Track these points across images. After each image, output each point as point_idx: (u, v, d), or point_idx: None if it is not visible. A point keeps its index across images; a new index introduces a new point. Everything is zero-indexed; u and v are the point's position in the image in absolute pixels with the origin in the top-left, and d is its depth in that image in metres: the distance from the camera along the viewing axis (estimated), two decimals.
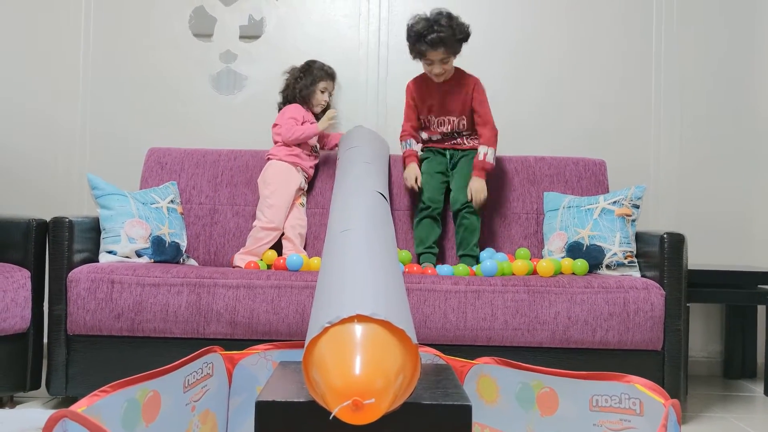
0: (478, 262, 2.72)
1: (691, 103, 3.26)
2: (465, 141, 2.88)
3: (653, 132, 3.26)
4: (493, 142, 2.78)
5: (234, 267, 2.71)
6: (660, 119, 3.26)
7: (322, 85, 2.98)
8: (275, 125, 2.91)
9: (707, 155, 3.26)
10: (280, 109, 3.00)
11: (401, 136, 2.91)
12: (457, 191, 2.80)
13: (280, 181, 2.80)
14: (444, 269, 2.57)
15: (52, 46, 3.27)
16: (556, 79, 3.27)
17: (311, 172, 2.92)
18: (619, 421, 1.34)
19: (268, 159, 2.87)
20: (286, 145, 2.85)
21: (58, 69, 3.27)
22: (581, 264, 2.51)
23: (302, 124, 2.88)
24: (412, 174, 2.82)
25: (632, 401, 1.32)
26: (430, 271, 2.53)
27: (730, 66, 3.26)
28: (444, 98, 2.83)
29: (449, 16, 2.69)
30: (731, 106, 3.26)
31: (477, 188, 2.74)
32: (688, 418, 2.46)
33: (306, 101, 2.96)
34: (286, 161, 2.83)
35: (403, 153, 2.90)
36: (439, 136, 2.90)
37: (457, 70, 2.86)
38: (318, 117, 2.97)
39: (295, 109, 2.92)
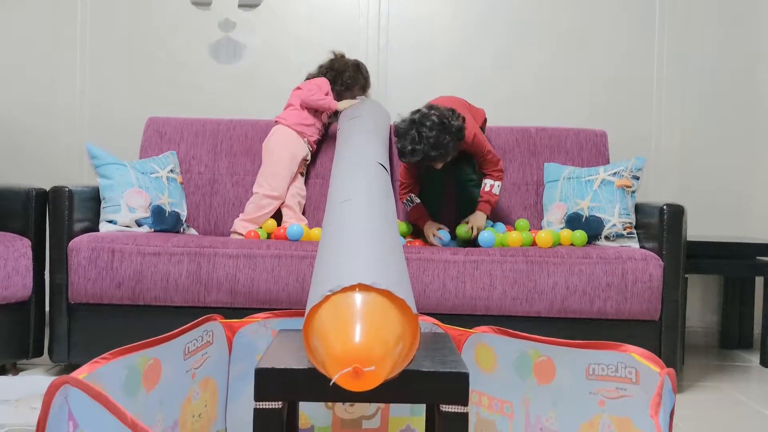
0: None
1: (694, 76, 3.24)
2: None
3: (655, 104, 3.24)
4: (498, 176, 2.63)
5: (233, 233, 2.72)
6: (662, 91, 3.24)
7: (359, 92, 2.97)
8: (298, 88, 2.89)
9: (708, 128, 3.25)
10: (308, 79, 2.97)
11: (401, 196, 2.66)
12: (460, 165, 2.71)
13: (286, 149, 2.78)
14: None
15: (49, 16, 3.24)
16: (558, 50, 3.24)
17: (314, 146, 2.90)
18: (615, 390, 1.36)
19: (276, 123, 2.85)
20: (300, 107, 2.83)
21: (56, 39, 3.24)
22: (580, 235, 2.52)
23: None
24: (430, 231, 2.55)
25: (628, 370, 1.34)
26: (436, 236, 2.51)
27: (733, 40, 3.23)
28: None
29: (432, 126, 2.33)
30: (734, 80, 3.24)
31: (479, 224, 2.56)
32: (684, 387, 2.49)
33: (340, 94, 2.92)
34: (294, 129, 2.81)
35: (410, 213, 2.67)
36: None
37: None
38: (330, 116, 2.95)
39: (326, 83, 2.89)
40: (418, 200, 2.65)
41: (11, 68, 3.25)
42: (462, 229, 2.56)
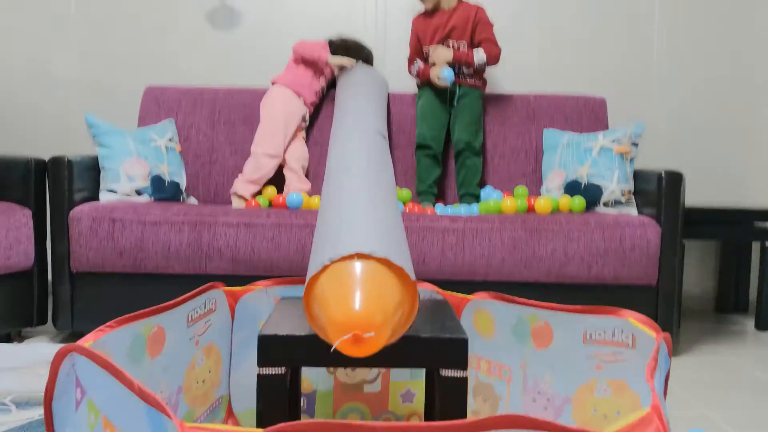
0: (478, 200, 2.74)
1: (694, 42, 3.22)
2: (467, 79, 2.84)
3: (655, 71, 3.23)
4: (488, 52, 2.76)
5: (234, 195, 2.71)
6: (662, 58, 3.22)
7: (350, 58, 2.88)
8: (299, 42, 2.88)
9: (707, 95, 3.24)
10: None
11: (408, 64, 2.93)
12: (459, 131, 2.79)
13: (283, 108, 2.77)
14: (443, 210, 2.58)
15: None
16: (557, 16, 3.22)
17: (312, 108, 2.89)
18: (612, 354, 1.38)
19: (273, 83, 2.84)
20: (296, 63, 2.83)
21: (51, 8, 3.21)
22: (579, 201, 2.53)
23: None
24: (435, 75, 2.76)
25: (625, 335, 1.36)
26: (429, 211, 2.55)
27: (733, 7, 3.20)
28: (446, 26, 2.81)
29: None
30: (732, 48, 3.22)
31: (441, 54, 2.76)
32: (680, 350, 2.53)
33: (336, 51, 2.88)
34: (290, 88, 2.80)
35: (418, 73, 2.88)
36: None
37: (460, 2, 2.83)
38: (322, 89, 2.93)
39: (324, 46, 2.87)
40: (421, 62, 2.86)
41: (6, 38, 3.23)
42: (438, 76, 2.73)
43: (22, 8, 3.21)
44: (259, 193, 2.74)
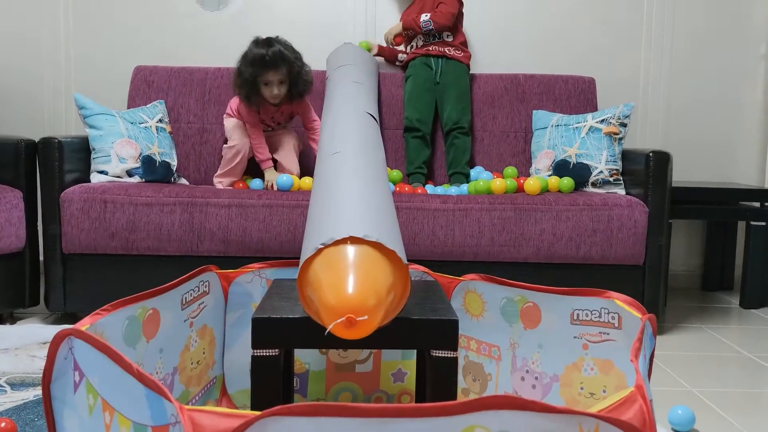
0: (468, 180, 2.76)
1: (682, 23, 3.23)
2: (451, 50, 2.86)
3: (644, 51, 3.24)
4: (436, 18, 2.82)
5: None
6: (651, 39, 3.23)
7: (263, 78, 2.55)
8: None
9: (694, 75, 3.26)
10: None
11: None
12: (448, 110, 2.81)
13: (239, 134, 2.68)
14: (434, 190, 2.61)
15: None
16: None
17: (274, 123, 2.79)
18: (599, 334, 1.41)
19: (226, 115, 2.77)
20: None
21: None
22: (567, 182, 2.55)
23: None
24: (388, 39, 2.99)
25: (611, 315, 1.39)
26: (420, 191, 2.57)
27: None
28: (414, 7, 2.95)
29: None
30: (722, 27, 3.24)
31: (391, 29, 2.97)
32: (666, 328, 2.57)
33: (250, 99, 2.59)
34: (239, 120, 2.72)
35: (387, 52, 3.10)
36: (421, 41, 2.91)
37: None
38: (276, 117, 2.73)
39: (246, 107, 2.63)
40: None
41: None
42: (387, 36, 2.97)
43: None
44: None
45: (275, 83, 2.56)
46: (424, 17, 2.83)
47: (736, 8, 3.23)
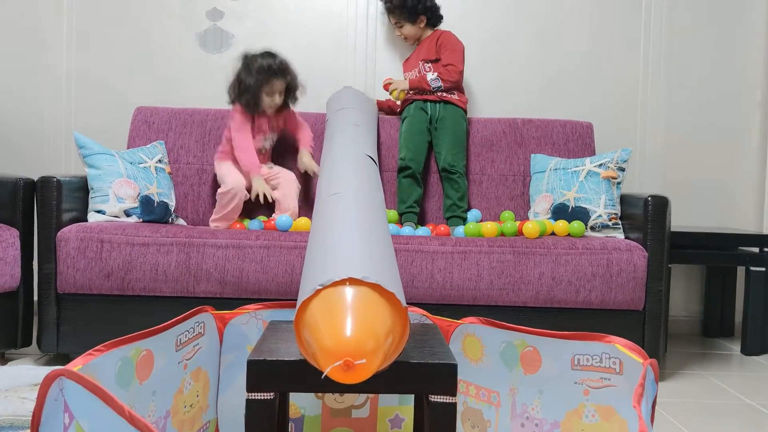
0: (465, 223, 2.76)
1: (679, 68, 3.27)
2: (447, 93, 2.89)
3: (641, 96, 3.27)
4: (444, 77, 2.84)
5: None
6: (648, 84, 3.27)
7: (267, 88, 2.66)
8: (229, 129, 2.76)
9: (692, 120, 3.29)
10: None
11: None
12: (444, 153, 2.82)
13: (233, 187, 2.65)
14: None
15: (35, 2, 3.21)
16: (545, 41, 3.26)
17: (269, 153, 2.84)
18: (600, 380, 1.39)
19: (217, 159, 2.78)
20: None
21: (42, 26, 3.22)
22: (578, 225, 2.54)
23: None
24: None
25: (612, 360, 1.37)
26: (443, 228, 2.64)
27: (719, 33, 3.27)
28: (418, 53, 2.98)
29: None
30: (719, 72, 3.28)
31: (398, 83, 2.93)
32: (666, 375, 2.54)
33: (250, 107, 2.69)
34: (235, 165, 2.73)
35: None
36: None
37: (435, 31, 3.00)
38: (265, 128, 2.78)
39: (239, 117, 2.70)
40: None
41: None
42: (394, 92, 2.93)
43: (12, 27, 3.21)
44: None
45: (277, 92, 2.69)
46: (431, 76, 2.85)
47: (732, 56, 3.27)
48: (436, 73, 2.85)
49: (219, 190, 2.68)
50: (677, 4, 3.25)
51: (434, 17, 3.01)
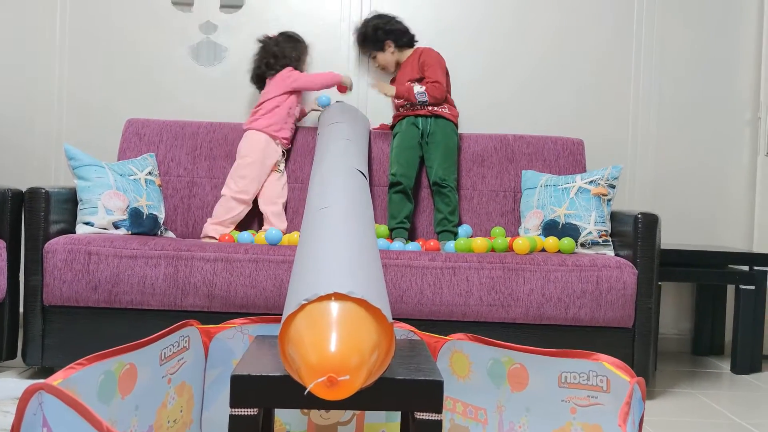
0: (456, 237, 2.76)
1: (670, 85, 3.29)
2: (438, 108, 2.89)
3: (631, 113, 3.29)
4: (430, 92, 2.85)
5: (204, 237, 2.72)
6: (638, 101, 3.29)
7: (305, 59, 3.06)
8: (289, 77, 2.92)
9: (682, 138, 3.30)
10: (258, 79, 3.01)
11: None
12: (435, 168, 2.83)
13: (257, 155, 2.79)
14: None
15: (28, 15, 3.21)
16: (536, 58, 3.27)
17: (287, 143, 2.91)
18: (587, 398, 1.38)
19: (246, 130, 2.86)
20: (270, 112, 2.85)
21: (35, 38, 3.21)
22: (568, 242, 2.54)
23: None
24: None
25: (599, 378, 1.36)
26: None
27: (710, 49, 3.29)
28: (402, 73, 3.00)
29: (375, 16, 3.02)
30: (709, 90, 3.30)
31: (386, 86, 2.96)
32: (656, 393, 2.53)
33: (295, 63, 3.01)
34: (266, 132, 2.82)
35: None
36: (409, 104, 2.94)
37: (416, 50, 3.02)
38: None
39: (289, 71, 2.96)
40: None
41: None
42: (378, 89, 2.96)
43: (4, 39, 3.21)
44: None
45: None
46: (419, 89, 2.86)
47: (722, 75, 3.29)
48: (423, 87, 2.86)
49: (227, 193, 2.76)
50: (669, 21, 3.28)
51: (401, 39, 3.01)
